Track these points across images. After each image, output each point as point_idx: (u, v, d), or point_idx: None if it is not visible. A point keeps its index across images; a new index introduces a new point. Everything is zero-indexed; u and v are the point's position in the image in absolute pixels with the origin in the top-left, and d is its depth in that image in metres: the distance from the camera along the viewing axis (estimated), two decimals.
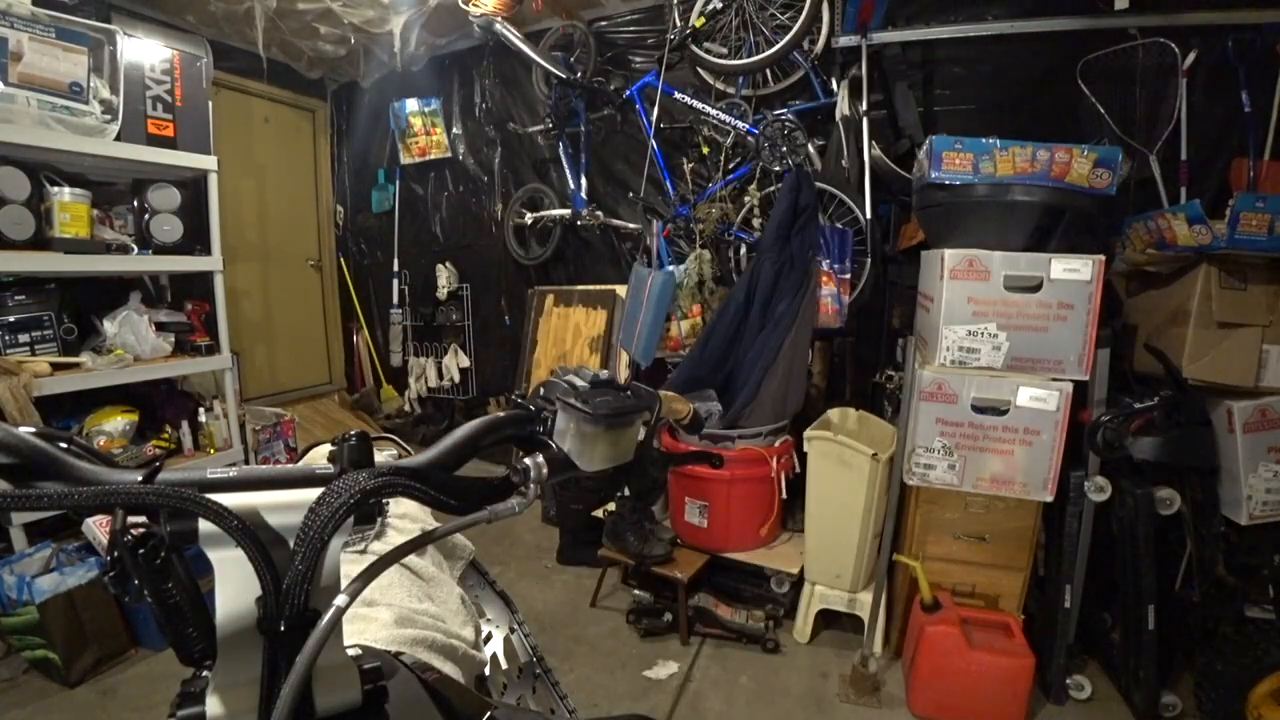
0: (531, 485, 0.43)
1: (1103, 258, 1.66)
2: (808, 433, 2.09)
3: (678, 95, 2.86)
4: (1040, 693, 1.85)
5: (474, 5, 3.06)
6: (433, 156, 3.92)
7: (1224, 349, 1.70)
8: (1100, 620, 1.96)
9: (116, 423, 2.35)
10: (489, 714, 0.51)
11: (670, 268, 2.83)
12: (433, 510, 1.21)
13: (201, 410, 2.61)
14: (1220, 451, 1.70)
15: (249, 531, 0.34)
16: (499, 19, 3.13)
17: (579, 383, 0.49)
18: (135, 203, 2.46)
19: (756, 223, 2.83)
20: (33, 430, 0.35)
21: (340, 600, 0.33)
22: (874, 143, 2.53)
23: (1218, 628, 1.73)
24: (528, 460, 0.43)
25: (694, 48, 2.77)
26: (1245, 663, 1.62)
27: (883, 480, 1.99)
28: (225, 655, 0.37)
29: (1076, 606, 1.83)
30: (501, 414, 0.49)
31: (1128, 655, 1.80)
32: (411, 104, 3.86)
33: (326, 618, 0.33)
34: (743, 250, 2.86)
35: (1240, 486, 1.66)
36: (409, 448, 0.88)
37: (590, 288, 3.43)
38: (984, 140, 1.74)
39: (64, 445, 0.36)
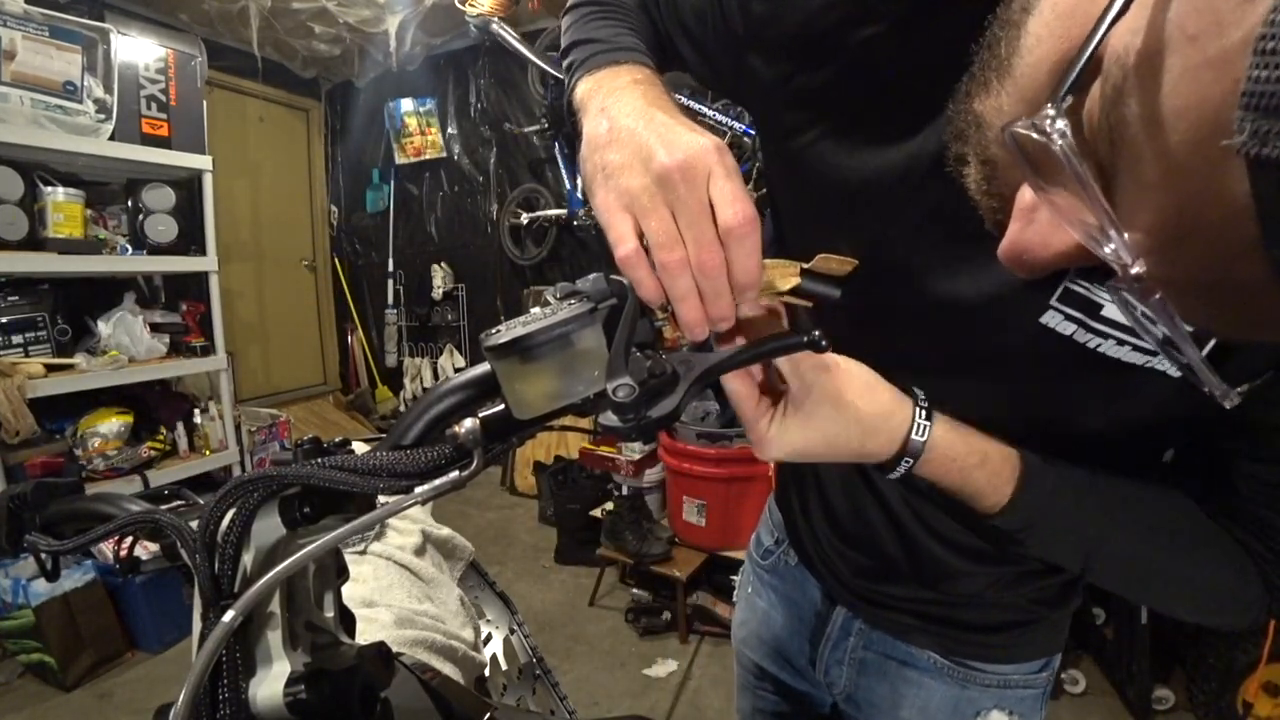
0: (475, 454, 0.36)
1: None
2: None
3: (675, 96, 2.86)
4: None
5: (470, 5, 3.05)
6: (428, 156, 3.91)
7: None
8: (1094, 616, 1.98)
9: (111, 424, 2.33)
10: (489, 715, 0.51)
11: None
12: (432, 509, 1.20)
13: (196, 412, 2.60)
14: None
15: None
16: (495, 19, 3.12)
17: (547, 300, 0.39)
18: (129, 203, 2.45)
19: None
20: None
21: (227, 616, 0.31)
22: None
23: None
24: (456, 427, 0.36)
25: None
26: (1236, 656, 1.63)
27: None
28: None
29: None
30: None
31: (1121, 650, 1.82)
32: (406, 104, 3.85)
33: (214, 633, 0.31)
34: None
35: None
36: None
37: None
38: None
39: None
